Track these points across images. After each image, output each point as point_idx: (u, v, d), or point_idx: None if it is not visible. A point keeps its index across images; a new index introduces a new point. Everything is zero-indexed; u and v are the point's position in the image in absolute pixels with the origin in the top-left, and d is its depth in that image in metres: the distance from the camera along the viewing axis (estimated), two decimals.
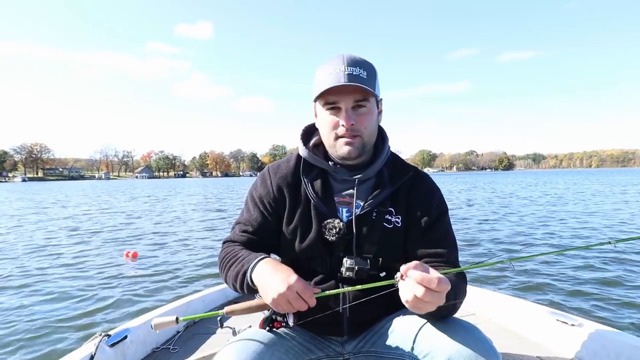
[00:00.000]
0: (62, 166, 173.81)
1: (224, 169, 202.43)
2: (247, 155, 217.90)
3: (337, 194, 1.18)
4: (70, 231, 9.95)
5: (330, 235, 1.12)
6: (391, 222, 1.14)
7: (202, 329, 2.21)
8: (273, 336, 1.09)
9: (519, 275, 4.81)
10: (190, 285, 4.93)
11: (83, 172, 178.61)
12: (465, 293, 1.07)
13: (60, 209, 17.08)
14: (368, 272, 1.10)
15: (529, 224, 9.59)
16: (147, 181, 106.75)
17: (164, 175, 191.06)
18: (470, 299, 2.35)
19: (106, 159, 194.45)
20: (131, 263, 6.24)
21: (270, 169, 1.24)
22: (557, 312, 2.05)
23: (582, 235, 7.85)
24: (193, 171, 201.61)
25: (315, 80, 1.12)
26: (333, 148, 1.14)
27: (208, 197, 25.09)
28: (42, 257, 6.84)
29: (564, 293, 4.21)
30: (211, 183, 66.52)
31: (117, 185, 58.64)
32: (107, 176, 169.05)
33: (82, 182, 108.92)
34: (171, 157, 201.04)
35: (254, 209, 1.20)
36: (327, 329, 1.17)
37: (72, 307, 4.14)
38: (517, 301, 2.32)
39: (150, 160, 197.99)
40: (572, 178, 50.76)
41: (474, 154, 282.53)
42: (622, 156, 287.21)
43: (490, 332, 1.88)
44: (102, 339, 1.72)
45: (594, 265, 5.19)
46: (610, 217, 10.31)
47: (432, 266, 1.09)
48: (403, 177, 1.18)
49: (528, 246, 6.89)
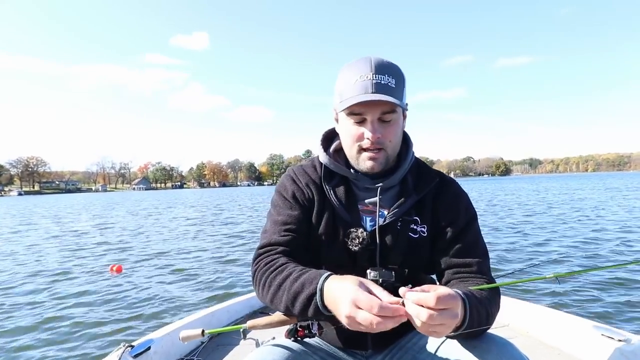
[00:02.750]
0: (58, 179, 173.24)
1: (221, 179, 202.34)
2: (244, 165, 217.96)
3: (360, 202, 1.12)
4: (95, 244, 9.98)
5: (354, 245, 1.06)
6: (417, 231, 1.09)
7: (226, 340, 2.18)
8: (295, 349, 1.05)
9: (559, 286, 4.50)
10: (215, 295, 4.95)
11: (80, 184, 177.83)
12: (499, 307, 1.00)
13: (85, 222, 17.02)
14: (393, 285, 1.02)
15: (567, 232, 8.96)
16: (145, 193, 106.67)
17: (162, 186, 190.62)
18: (503, 310, 2.24)
19: (103, 171, 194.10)
20: (154, 272, 6.33)
21: (296, 169, 1.18)
22: (602, 325, 1.89)
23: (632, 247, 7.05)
24: (190, 182, 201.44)
25: (339, 86, 1.05)
26: (355, 160, 1.08)
27: (209, 207, 25.02)
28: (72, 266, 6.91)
29: (610, 306, 3.93)
30: (210, 193, 66.45)
31: (117, 198, 58.54)
32: (104, 188, 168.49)
33: (79, 194, 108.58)
34: (168, 168, 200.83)
35: (291, 207, 1.11)
36: (351, 342, 1.12)
37: (97, 317, 4.18)
38: (556, 313, 2.14)
39: (148, 172, 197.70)
40: (586, 182, 49.62)
41: (470, 160, 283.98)
42: (617, 160, 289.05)
43: (526, 347, 1.80)
44: (126, 349, 1.69)
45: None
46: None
47: (462, 278, 1.05)
48: (428, 185, 1.12)
49: (565, 257, 6.28)
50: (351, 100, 0.99)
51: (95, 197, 67.13)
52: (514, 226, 10.32)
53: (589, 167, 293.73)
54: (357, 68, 1.01)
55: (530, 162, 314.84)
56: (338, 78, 1.06)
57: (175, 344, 1.97)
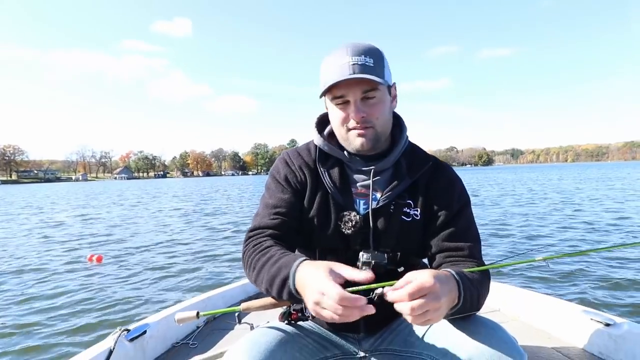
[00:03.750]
0: (37, 168, 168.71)
1: (205, 168, 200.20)
2: (228, 155, 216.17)
3: (353, 185, 1.12)
4: (90, 234, 9.81)
5: (347, 228, 1.07)
6: (410, 215, 1.09)
7: (222, 325, 2.19)
8: (288, 332, 1.05)
9: (548, 271, 4.58)
10: (210, 281, 5.00)
11: (59, 173, 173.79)
12: (489, 290, 1.02)
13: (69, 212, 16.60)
14: (385, 267, 1.04)
15: (562, 219, 9.19)
16: (127, 182, 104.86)
17: (144, 175, 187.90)
18: (494, 295, 2.26)
19: (83, 160, 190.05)
20: (149, 260, 6.34)
21: (290, 152, 1.18)
22: (591, 310, 1.88)
23: (622, 230, 7.42)
24: (174, 171, 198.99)
25: (320, 74, 1.06)
26: (346, 141, 1.09)
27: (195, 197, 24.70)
28: (71, 252, 6.94)
29: (599, 291, 3.95)
30: (194, 183, 65.74)
31: (98, 187, 57.42)
32: (84, 178, 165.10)
33: (59, 184, 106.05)
34: (151, 157, 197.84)
35: (282, 190, 1.12)
36: (343, 325, 1.12)
37: (92, 303, 4.21)
38: (546, 298, 2.15)
39: (129, 161, 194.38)
40: (567, 173, 50.85)
41: (454, 150, 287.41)
42: (596, 151, 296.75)
43: (516, 330, 1.78)
44: (122, 333, 1.68)
45: (637, 262, 4.88)
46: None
47: (453, 261, 1.06)
48: (422, 168, 1.12)
49: (561, 242, 6.46)
50: (330, 81, 1.00)
51: (76, 187, 65.67)
52: (504, 214, 10.57)
53: (569, 157, 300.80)
54: (335, 55, 1.03)
55: (512, 153, 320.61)
56: (320, 68, 1.07)
57: (171, 328, 1.97)
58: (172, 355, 1.88)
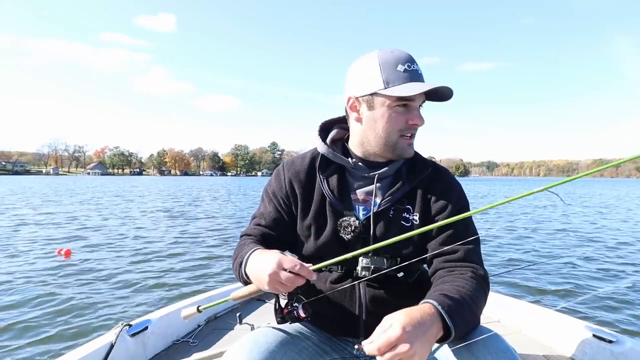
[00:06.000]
0: (4, 159, 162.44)
1: (183, 167, 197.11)
2: (208, 155, 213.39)
3: (353, 191, 1.14)
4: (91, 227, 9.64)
5: (346, 233, 1.08)
6: (409, 220, 1.10)
7: (222, 325, 2.19)
8: (288, 334, 1.07)
9: (550, 285, 4.58)
10: (213, 279, 5.11)
11: (29, 166, 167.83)
12: (487, 298, 1.02)
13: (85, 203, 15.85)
14: (385, 273, 1.05)
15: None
16: (101, 178, 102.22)
17: (119, 172, 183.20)
18: (495, 307, 2.30)
19: (55, 153, 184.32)
20: (150, 256, 6.42)
21: (285, 164, 1.21)
22: (594, 326, 1.87)
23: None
24: (150, 169, 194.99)
25: (376, 71, 1.02)
26: (392, 146, 1.08)
27: None
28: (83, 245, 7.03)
29: (603, 307, 3.93)
30: (171, 182, 64.64)
31: (68, 182, 55.70)
32: (55, 171, 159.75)
33: (28, 177, 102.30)
34: (127, 154, 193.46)
35: (269, 204, 1.18)
36: (343, 329, 1.13)
37: (95, 297, 4.24)
38: (549, 312, 2.13)
39: (104, 157, 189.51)
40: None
41: (432, 159, 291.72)
42: (567, 166, 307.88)
43: (517, 343, 1.81)
44: (123, 328, 1.69)
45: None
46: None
47: (449, 267, 1.06)
48: (421, 174, 1.13)
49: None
50: (411, 87, 1.00)
51: (46, 181, 63.44)
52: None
53: (541, 171, 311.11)
54: (395, 57, 1.03)
55: (488, 165, 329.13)
56: (368, 66, 1.04)
57: (173, 325, 1.97)
58: (173, 352, 1.88)
